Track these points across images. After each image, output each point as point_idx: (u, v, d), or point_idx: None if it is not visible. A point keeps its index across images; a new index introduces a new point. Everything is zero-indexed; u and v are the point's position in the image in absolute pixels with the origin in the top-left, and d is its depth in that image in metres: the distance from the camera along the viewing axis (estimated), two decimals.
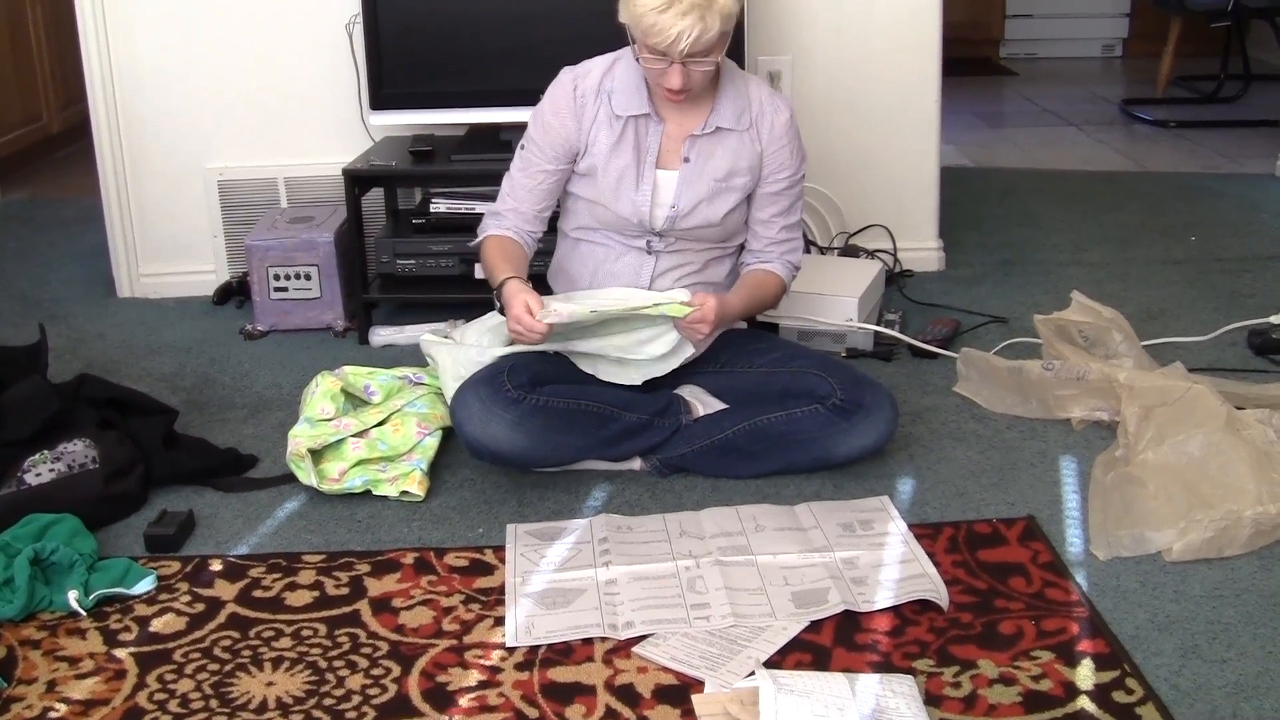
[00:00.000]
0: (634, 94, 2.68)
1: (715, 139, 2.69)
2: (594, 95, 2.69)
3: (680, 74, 2.53)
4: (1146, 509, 2.39)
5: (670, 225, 2.70)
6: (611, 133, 2.68)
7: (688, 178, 2.69)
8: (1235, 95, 6.20)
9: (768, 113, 2.72)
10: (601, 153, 2.68)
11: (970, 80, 6.81)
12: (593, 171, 2.70)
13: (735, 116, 2.69)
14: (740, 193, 2.72)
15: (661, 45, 2.48)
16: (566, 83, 2.72)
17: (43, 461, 2.58)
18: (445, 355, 2.81)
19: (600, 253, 2.76)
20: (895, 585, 2.25)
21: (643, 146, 2.69)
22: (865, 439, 2.63)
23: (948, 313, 3.55)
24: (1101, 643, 2.09)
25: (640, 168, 2.68)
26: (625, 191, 2.68)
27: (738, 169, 2.70)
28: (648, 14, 2.45)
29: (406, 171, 3.52)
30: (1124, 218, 4.46)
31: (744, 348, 2.80)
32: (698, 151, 2.69)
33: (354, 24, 3.59)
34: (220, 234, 3.87)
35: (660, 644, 2.11)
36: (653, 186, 2.68)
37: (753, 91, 2.73)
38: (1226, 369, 3.13)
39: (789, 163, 2.74)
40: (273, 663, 2.11)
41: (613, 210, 2.70)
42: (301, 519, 2.58)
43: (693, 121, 2.69)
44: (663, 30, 2.45)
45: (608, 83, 2.70)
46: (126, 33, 3.72)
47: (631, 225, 2.71)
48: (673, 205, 2.69)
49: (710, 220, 2.71)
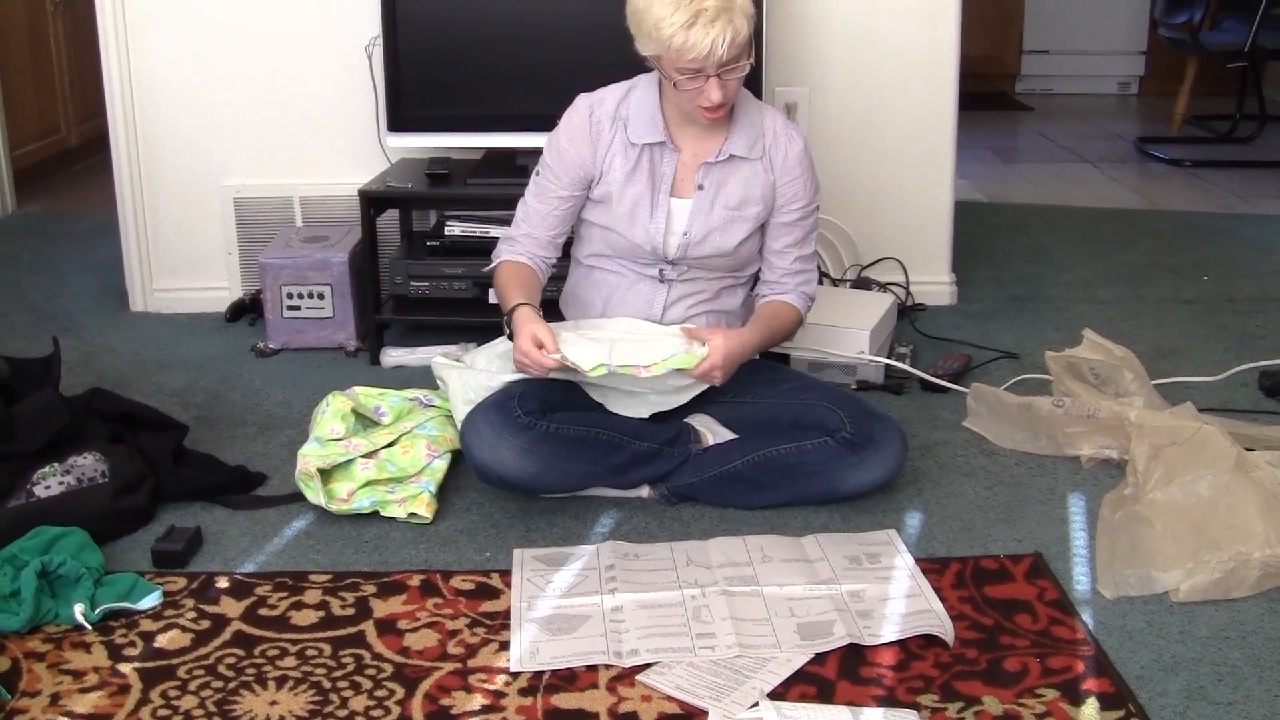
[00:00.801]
0: (649, 122, 2.69)
1: (729, 167, 2.70)
2: (610, 122, 2.70)
3: (718, 87, 2.53)
4: (1154, 549, 2.39)
5: (683, 253, 2.70)
6: (626, 160, 2.69)
7: (701, 206, 2.69)
8: (1250, 135, 6.22)
9: (781, 142, 2.73)
10: (616, 180, 2.69)
11: (985, 115, 6.82)
12: (607, 198, 2.71)
13: (749, 145, 2.70)
14: (753, 222, 2.73)
15: (698, 60, 2.48)
16: (583, 109, 2.73)
17: (52, 474, 2.58)
18: (455, 379, 2.82)
19: (613, 280, 2.77)
20: (901, 619, 2.24)
21: (657, 174, 2.70)
22: (874, 473, 2.63)
23: (959, 347, 3.55)
24: (1107, 682, 2.09)
25: (655, 195, 2.69)
26: (640, 219, 2.69)
27: (750, 198, 2.71)
28: (676, 34, 2.46)
29: (422, 194, 3.53)
30: (1136, 256, 4.46)
31: (755, 379, 2.80)
32: (712, 180, 2.70)
33: (374, 46, 3.61)
34: (234, 251, 3.88)
35: (665, 672, 2.11)
36: (667, 214, 2.69)
37: (767, 121, 2.75)
38: (1237, 410, 3.13)
39: (802, 193, 2.75)
40: (277, 681, 2.11)
41: (626, 237, 2.71)
42: (309, 538, 2.59)
43: (707, 149, 2.70)
44: (696, 45, 2.46)
45: (623, 110, 2.71)
46: (147, 48, 3.74)
47: (645, 253, 2.71)
48: (685, 233, 2.69)
49: (723, 249, 2.72)
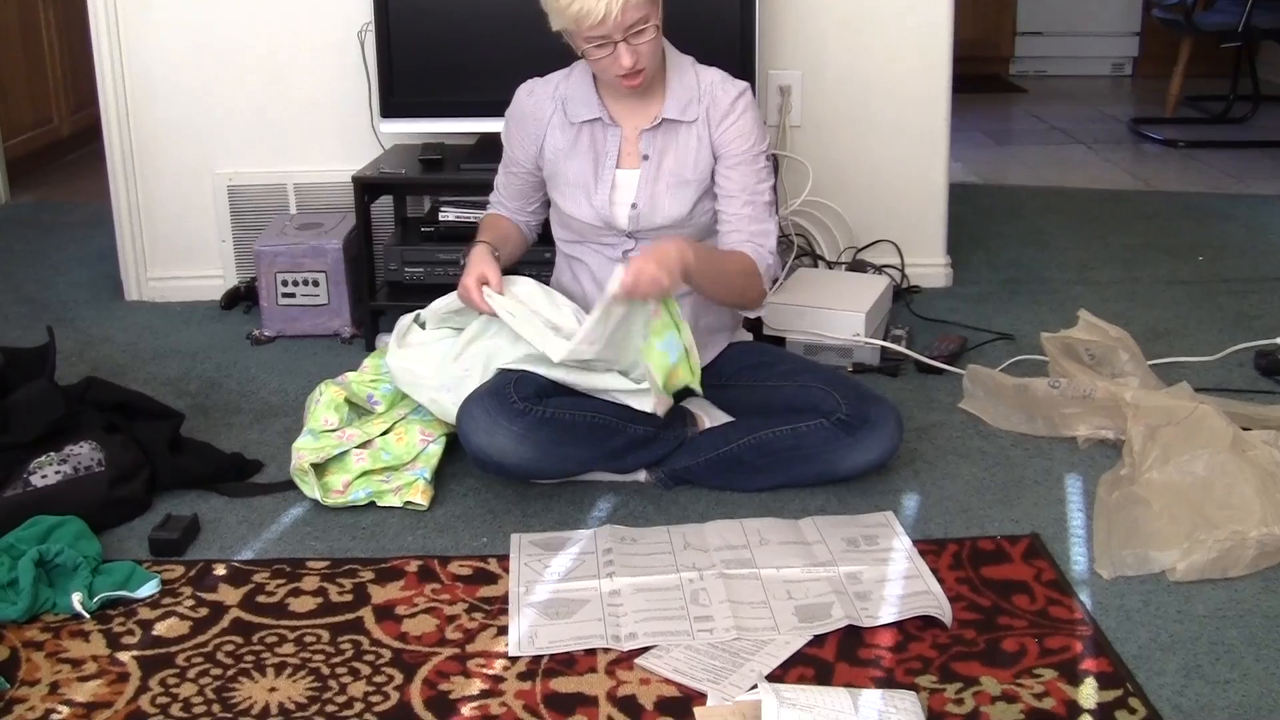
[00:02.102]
0: (585, 100, 2.71)
1: (669, 134, 2.70)
2: (549, 101, 2.75)
3: (628, 52, 2.53)
4: (1151, 529, 2.39)
5: (636, 225, 2.70)
6: (566, 138, 2.72)
7: (647, 175, 2.69)
8: (1244, 116, 6.22)
9: (718, 95, 2.69)
10: (558, 158, 2.72)
11: (980, 97, 6.81)
12: (555, 177, 2.75)
13: (682, 108, 2.69)
14: (698, 184, 2.70)
15: (598, 28, 2.48)
16: (524, 90, 2.79)
17: (49, 464, 2.58)
18: (418, 363, 2.76)
19: (588, 268, 2.78)
20: (899, 601, 2.24)
21: (600, 150, 2.71)
22: (870, 454, 2.63)
23: (954, 329, 3.55)
24: (1104, 662, 2.09)
25: (599, 170, 2.70)
26: (586, 194, 2.70)
27: (690, 160, 2.69)
28: (570, 4, 2.47)
29: (416, 180, 3.53)
30: (1131, 237, 4.46)
31: (750, 361, 2.80)
32: (654, 148, 2.70)
33: (366, 31, 3.60)
34: (229, 239, 3.88)
35: (663, 656, 2.11)
36: (611, 186, 2.70)
37: (704, 79, 2.71)
38: (1232, 389, 3.13)
39: (742, 137, 2.68)
40: (275, 668, 2.11)
41: (576, 217, 2.72)
42: (306, 525, 2.59)
43: (644, 119, 2.71)
44: (590, 11, 2.46)
45: (563, 90, 2.74)
46: (139, 37, 3.73)
47: (600, 230, 2.72)
48: (634, 204, 2.69)
49: (676, 216, 2.70)
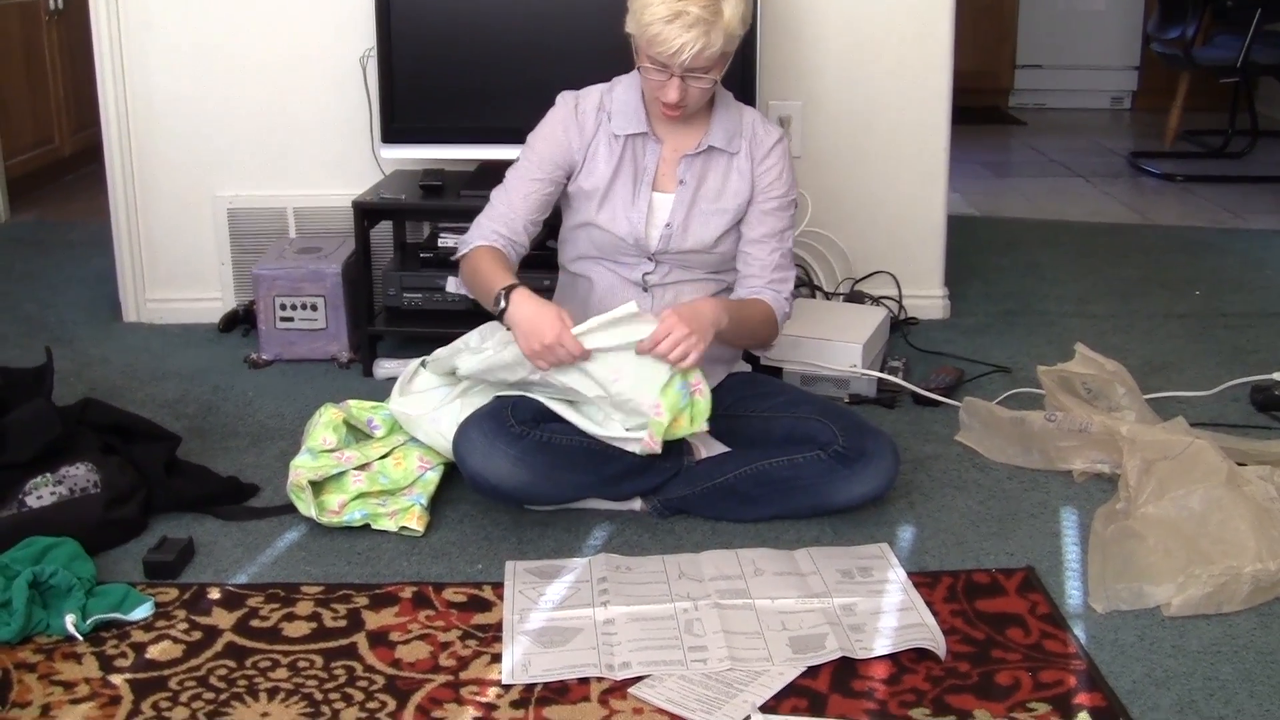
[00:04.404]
0: (632, 114, 2.72)
1: (708, 161, 2.73)
2: (594, 113, 2.74)
3: (678, 88, 2.56)
4: (1146, 563, 2.39)
5: (665, 245, 2.71)
6: (610, 152, 2.72)
7: (683, 199, 2.71)
8: (1243, 151, 6.24)
9: (760, 136, 2.76)
10: (601, 171, 2.72)
11: (979, 129, 6.84)
12: (591, 191, 2.73)
13: (727, 139, 2.72)
14: (732, 215, 2.74)
15: (663, 56, 2.51)
16: (568, 100, 2.78)
17: (44, 484, 2.58)
18: (416, 409, 2.77)
19: (598, 286, 2.77)
20: (893, 633, 2.24)
21: (640, 166, 2.72)
22: (866, 486, 2.63)
23: (951, 361, 3.55)
24: (1099, 696, 2.09)
25: (637, 187, 2.72)
26: (623, 210, 2.71)
27: (729, 190, 2.73)
28: (654, 24, 2.49)
29: (416, 205, 3.54)
30: (1129, 270, 4.47)
31: (747, 392, 2.80)
32: (692, 173, 2.72)
33: (368, 57, 3.61)
34: (228, 262, 3.88)
35: (656, 685, 2.11)
36: (649, 206, 2.71)
37: (746, 117, 2.78)
38: (1229, 424, 3.13)
39: (779, 181, 2.75)
40: (268, 693, 2.11)
41: (610, 231, 2.72)
42: (301, 550, 2.58)
43: (687, 143, 2.73)
44: (666, 41, 2.49)
45: (607, 103, 2.75)
46: (142, 59, 3.74)
47: (628, 247, 2.72)
48: (668, 224, 2.71)
49: (704, 242, 2.72)
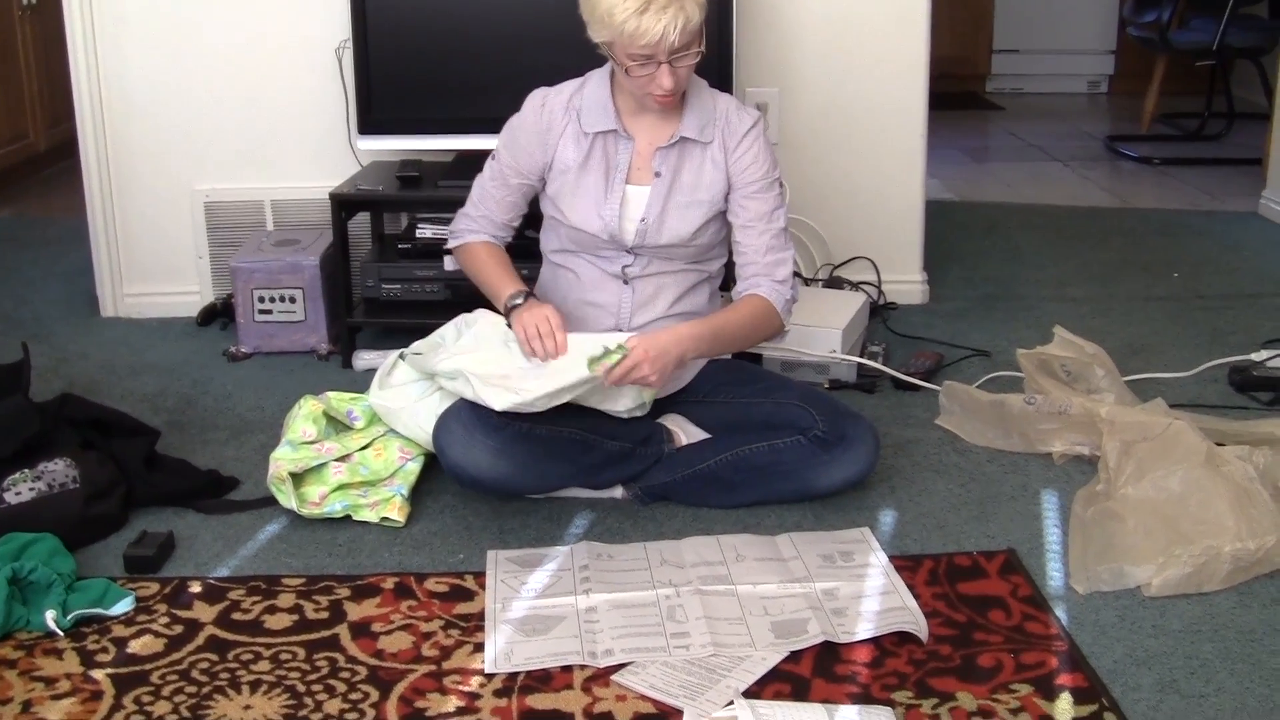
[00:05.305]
0: (601, 111, 2.71)
1: (683, 152, 2.71)
2: (563, 112, 2.73)
3: (669, 73, 2.55)
4: (1126, 544, 2.40)
5: (642, 240, 2.70)
6: (579, 149, 2.71)
7: (659, 191, 2.70)
8: (1219, 133, 6.25)
9: (733, 123, 2.73)
10: (569, 169, 2.71)
11: (956, 115, 6.84)
12: (562, 189, 2.72)
13: (699, 128, 2.71)
14: (708, 207, 2.72)
15: (649, 46, 2.50)
16: (536, 100, 2.77)
17: (23, 480, 2.57)
18: (395, 402, 2.76)
19: (578, 282, 2.77)
20: (875, 617, 2.25)
21: (612, 162, 2.71)
22: (847, 471, 2.64)
23: (931, 346, 3.56)
24: (1080, 676, 2.09)
25: (609, 182, 2.70)
26: (595, 206, 2.70)
27: (703, 182, 2.71)
28: (628, 20, 2.47)
29: (393, 196, 3.53)
30: (1107, 254, 4.48)
31: (727, 378, 2.80)
32: (668, 165, 2.70)
33: (344, 49, 3.60)
34: (205, 255, 3.87)
35: (639, 672, 2.11)
36: (621, 200, 2.70)
37: (720, 105, 2.75)
38: (1207, 405, 3.14)
39: (756, 164, 2.71)
40: (250, 686, 2.10)
41: (584, 229, 2.71)
42: (282, 542, 2.58)
43: (661, 136, 2.71)
44: (648, 31, 2.47)
45: (577, 101, 2.74)
46: (116, 53, 3.72)
47: (603, 243, 2.71)
48: (643, 219, 2.70)
49: (681, 234, 2.71)
